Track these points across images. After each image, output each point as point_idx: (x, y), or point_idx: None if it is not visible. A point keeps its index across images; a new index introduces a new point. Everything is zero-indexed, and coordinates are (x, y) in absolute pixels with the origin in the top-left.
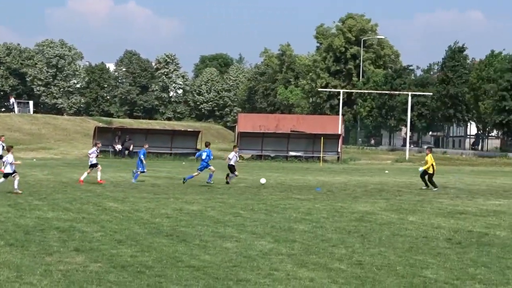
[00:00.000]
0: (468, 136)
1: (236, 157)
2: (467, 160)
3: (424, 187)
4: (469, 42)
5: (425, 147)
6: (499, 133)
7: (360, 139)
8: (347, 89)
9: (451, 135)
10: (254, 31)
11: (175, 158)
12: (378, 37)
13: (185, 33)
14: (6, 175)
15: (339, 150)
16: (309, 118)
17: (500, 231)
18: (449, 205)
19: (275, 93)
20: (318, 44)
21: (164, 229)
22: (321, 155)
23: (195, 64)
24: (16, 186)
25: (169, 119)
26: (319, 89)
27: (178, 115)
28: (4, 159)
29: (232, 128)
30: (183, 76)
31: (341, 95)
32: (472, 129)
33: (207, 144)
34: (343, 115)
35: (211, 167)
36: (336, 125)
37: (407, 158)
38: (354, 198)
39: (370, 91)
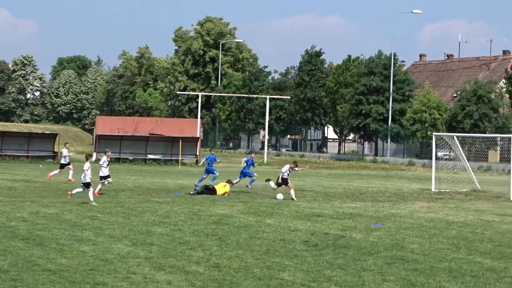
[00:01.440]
0: (326, 140)
1: (290, 170)
2: (325, 163)
3: None
4: (327, 46)
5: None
6: (356, 136)
7: (218, 142)
8: (205, 92)
9: (309, 138)
10: (113, 33)
11: (32, 161)
12: (236, 40)
13: (42, 35)
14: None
15: (197, 153)
16: (168, 121)
17: (356, 233)
18: (306, 208)
19: (133, 96)
20: (177, 47)
21: (20, 233)
22: (180, 158)
23: (53, 66)
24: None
25: (26, 121)
26: (177, 92)
27: (36, 118)
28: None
29: (91, 131)
30: (40, 78)
31: (200, 98)
32: (330, 132)
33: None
34: (201, 118)
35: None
36: (195, 128)
37: (265, 161)
38: (212, 201)
39: (229, 95)
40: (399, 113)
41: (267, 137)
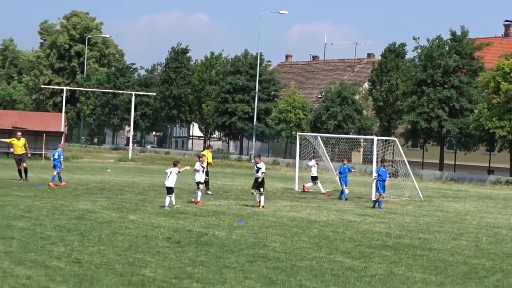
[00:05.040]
0: (191, 137)
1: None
2: (190, 160)
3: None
4: (195, 44)
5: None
6: (221, 134)
7: (83, 137)
8: (70, 86)
9: (174, 135)
10: None
11: None
12: (102, 35)
13: None
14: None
15: None
16: (32, 115)
17: (219, 231)
18: None
19: None
20: (42, 41)
21: None
22: (43, 152)
23: None
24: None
25: None
26: (42, 86)
27: None
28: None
29: None
30: None
31: (65, 92)
32: (195, 130)
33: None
34: (66, 112)
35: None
36: (59, 122)
37: (130, 158)
38: (75, 196)
39: (93, 90)
40: (264, 113)
41: (132, 133)
